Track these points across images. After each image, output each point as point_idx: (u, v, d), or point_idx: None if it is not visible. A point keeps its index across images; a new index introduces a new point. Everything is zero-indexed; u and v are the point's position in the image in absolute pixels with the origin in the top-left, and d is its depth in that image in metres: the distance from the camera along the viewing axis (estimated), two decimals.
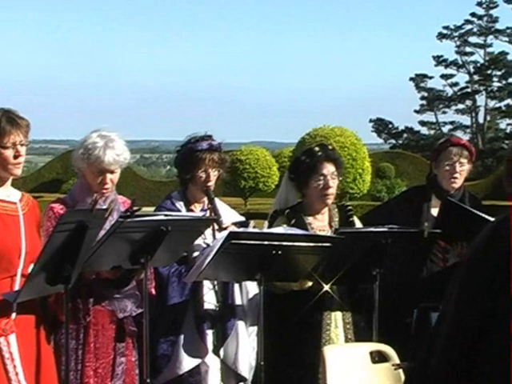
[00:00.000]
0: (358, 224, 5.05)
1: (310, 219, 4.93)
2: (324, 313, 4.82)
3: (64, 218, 3.80)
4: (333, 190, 4.89)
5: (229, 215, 4.83)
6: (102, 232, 4.02)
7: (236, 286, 4.75)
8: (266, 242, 4.20)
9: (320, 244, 4.38)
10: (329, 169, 4.88)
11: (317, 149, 4.95)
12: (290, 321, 4.71)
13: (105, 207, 4.11)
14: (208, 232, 4.68)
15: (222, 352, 4.69)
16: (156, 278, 4.59)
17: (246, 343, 4.73)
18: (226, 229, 4.54)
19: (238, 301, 4.75)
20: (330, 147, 5.06)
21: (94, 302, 4.37)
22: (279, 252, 4.22)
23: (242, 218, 4.92)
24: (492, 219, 2.52)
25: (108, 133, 4.43)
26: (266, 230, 4.49)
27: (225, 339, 4.69)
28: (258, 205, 30.41)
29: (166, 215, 4.23)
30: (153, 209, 4.95)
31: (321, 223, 4.95)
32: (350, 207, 5.17)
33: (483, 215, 4.60)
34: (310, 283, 4.66)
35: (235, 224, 4.69)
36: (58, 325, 4.27)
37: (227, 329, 4.70)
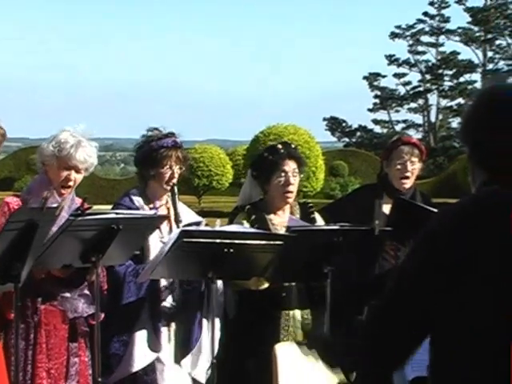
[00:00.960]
0: (320, 221, 5.08)
1: (271, 216, 4.95)
2: (283, 307, 4.83)
3: (14, 216, 3.78)
4: (294, 187, 4.94)
5: (187, 215, 4.83)
6: (55, 229, 3.99)
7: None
8: (218, 240, 4.20)
9: (272, 242, 4.39)
10: (290, 166, 4.93)
11: (279, 146, 5.00)
12: (249, 317, 4.74)
13: (55, 205, 4.08)
14: (165, 230, 4.68)
15: (182, 362, 4.69)
16: (110, 277, 4.56)
17: (207, 353, 4.70)
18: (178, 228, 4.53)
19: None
20: (293, 146, 5.10)
21: (43, 301, 4.33)
22: (231, 250, 4.22)
23: (200, 219, 4.92)
24: None
25: (80, 136, 4.47)
26: (217, 228, 4.48)
27: (188, 350, 4.69)
28: (211, 203, 30.42)
29: (116, 213, 4.22)
30: (106, 207, 4.93)
31: (282, 220, 4.97)
32: (311, 204, 5.22)
33: (436, 210, 4.64)
34: (266, 284, 4.67)
35: (191, 224, 4.68)
36: (8, 324, 4.23)
37: (191, 342, 4.69)
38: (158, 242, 4.61)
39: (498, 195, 2.45)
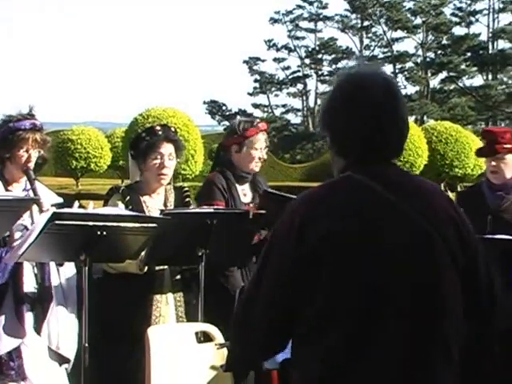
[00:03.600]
0: (194, 206, 5.08)
1: (145, 198, 4.95)
2: (155, 291, 4.84)
3: None
4: (168, 171, 4.93)
5: (48, 197, 4.75)
6: None
7: (53, 266, 4.66)
8: (90, 223, 4.15)
9: (146, 225, 4.37)
10: (167, 149, 4.93)
11: (158, 128, 5.00)
12: (121, 299, 4.72)
13: None
14: (26, 213, 4.57)
15: (43, 334, 4.61)
16: None
17: (67, 324, 4.67)
18: (46, 211, 4.45)
19: (55, 282, 4.67)
20: (172, 129, 5.09)
21: None
22: (104, 233, 4.18)
23: (60, 200, 4.83)
24: None
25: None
26: (90, 211, 4.42)
27: (45, 321, 4.61)
28: (89, 185, 29.99)
29: None
30: None
31: (156, 203, 4.96)
32: (186, 189, 5.23)
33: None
34: (146, 268, 4.66)
35: (54, 206, 4.61)
36: None
37: (47, 311, 4.61)
38: (18, 225, 4.50)
39: (349, 180, 2.50)
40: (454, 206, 2.59)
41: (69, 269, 4.67)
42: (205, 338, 4.49)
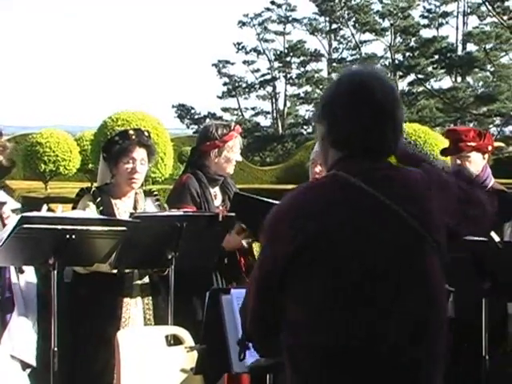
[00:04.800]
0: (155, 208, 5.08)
1: (116, 201, 4.94)
2: (124, 293, 4.84)
3: None
4: (140, 175, 4.94)
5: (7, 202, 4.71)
6: None
7: (13, 271, 4.62)
8: (59, 227, 4.14)
9: (115, 228, 4.36)
10: (140, 153, 4.94)
11: (131, 132, 5.00)
12: (90, 302, 4.71)
13: None
14: None
15: (3, 341, 4.57)
16: None
17: (27, 330, 4.62)
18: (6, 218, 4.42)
19: (16, 287, 4.63)
20: (146, 134, 5.08)
21: None
22: (73, 236, 4.17)
23: (18, 205, 4.80)
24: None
25: None
26: (59, 214, 4.41)
27: (5, 328, 4.57)
28: (58, 188, 29.79)
29: None
30: None
31: (126, 206, 4.96)
32: (156, 193, 5.26)
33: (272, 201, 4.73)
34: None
35: (13, 211, 4.57)
36: None
37: (8, 319, 4.57)
38: None
39: (332, 179, 2.55)
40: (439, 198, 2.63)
41: (29, 276, 4.63)
42: (175, 341, 4.49)
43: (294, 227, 2.49)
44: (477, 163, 5.14)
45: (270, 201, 4.66)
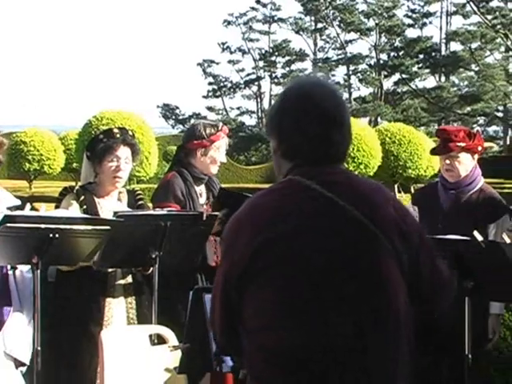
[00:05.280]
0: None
1: (99, 200, 4.94)
2: (108, 292, 4.83)
3: None
4: (124, 174, 4.93)
5: (6, 199, 4.71)
6: None
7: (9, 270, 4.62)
8: (42, 226, 4.13)
9: (99, 227, 4.35)
10: (124, 152, 4.93)
11: (116, 131, 5.00)
12: (74, 300, 4.71)
13: None
14: None
15: None
16: None
17: (22, 328, 4.62)
18: None
19: (12, 284, 4.63)
20: (130, 133, 5.08)
21: None
22: (56, 235, 4.16)
23: (18, 202, 4.80)
24: None
25: None
26: (42, 214, 4.39)
27: (1, 326, 4.57)
28: (43, 188, 29.70)
29: None
30: None
31: (110, 205, 4.95)
32: (139, 192, 5.25)
33: None
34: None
35: (10, 208, 4.57)
36: None
37: (3, 315, 4.57)
38: None
39: (288, 184, 2.60)
40: (393, 203, 2.66)
41: (25, 273, 4.63)
42: (158, 340, 4.49)
43: (251, 233, 2.52)
44: (466, 164, 5.16)
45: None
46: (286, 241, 2.49)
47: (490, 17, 49.52)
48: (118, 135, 4.93)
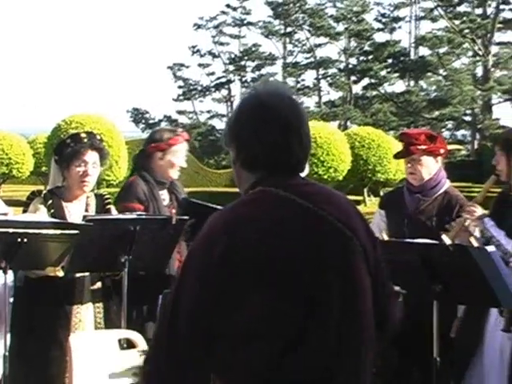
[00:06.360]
0: (115, 213, 5.06)
1: (67, 204, 4.93)
2: (75, 297, 4.82)
3: None
4: (91, 178, 4.92)
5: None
6: None
7: None
8: (10, 230, 4.11)
9: (68, 231, 4.34)
10: (92, 157, 4.92)
11: (83, 135, 4.99)
12: (42, 305, 4.69)
13: None
14: None
15: None
16: None
17: None
18: None
19: None
20: (98, 137, 5.07)
21: None
22: (25, 240, 4.14)
23: (7, 210, 4.79)
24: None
25: None
26: (10, 218, 4.38)
27: None
28: (11, 192, 29.50)
29: None
30: None
31: (78, 209, 4.94)
32: (107, 196, 5.22)
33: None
34: (63, 273, 4.63)
35: None
36: None
37: None
38: None
39: (268, 195, 2.55)
40: (359, 213, 2.70)
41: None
42: (128, 344, 4.48)
43: (222, 243, 2.45)
44: (429, 166, 5.19)
45: (218, 207, 4.69)
46: (258, 250, 2.44)
47: (457, 22, 49.91)
48: (85, 140, 4.91)
